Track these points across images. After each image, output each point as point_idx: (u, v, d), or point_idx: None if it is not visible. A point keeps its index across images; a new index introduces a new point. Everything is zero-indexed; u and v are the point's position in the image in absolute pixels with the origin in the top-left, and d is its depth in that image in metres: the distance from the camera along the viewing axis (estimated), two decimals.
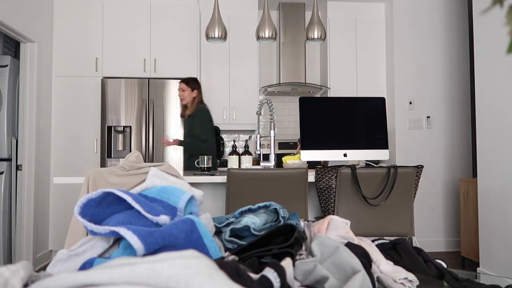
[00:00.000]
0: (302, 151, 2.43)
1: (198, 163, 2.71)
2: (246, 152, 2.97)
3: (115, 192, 0.61)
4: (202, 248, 0.54)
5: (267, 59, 5.07)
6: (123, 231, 0.52)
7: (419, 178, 2.21)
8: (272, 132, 2.80)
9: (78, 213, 0.58)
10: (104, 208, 0.61)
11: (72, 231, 2.10)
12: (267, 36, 3.90)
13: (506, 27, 0.39)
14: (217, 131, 4.12)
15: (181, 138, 3.80)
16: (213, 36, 3.32)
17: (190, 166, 3.34)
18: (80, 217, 0.57)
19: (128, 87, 4.02)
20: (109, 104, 4.00)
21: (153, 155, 4.00)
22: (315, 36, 3.91)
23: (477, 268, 3.30)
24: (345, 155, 2.46)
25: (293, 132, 5.04)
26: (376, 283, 0.64)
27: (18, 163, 3.63)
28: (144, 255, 0.50)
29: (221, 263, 0.46)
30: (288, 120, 5.07)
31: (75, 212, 0.57)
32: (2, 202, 3.54)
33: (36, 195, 3.68)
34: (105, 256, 0.59)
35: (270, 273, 0.51)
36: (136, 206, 0.60)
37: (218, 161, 4.13)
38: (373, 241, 0.85)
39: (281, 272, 0.52)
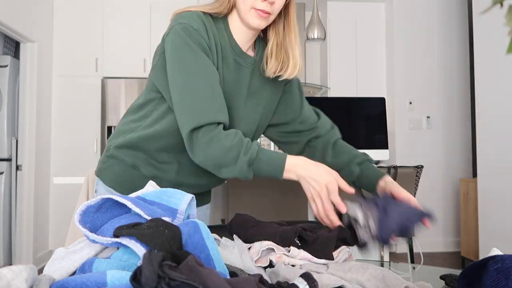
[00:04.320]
0: None
1: None
2: None
3: (114, 197, 0.61)
4: (203, 249, 0.54)
5: None
6: (126, 241, 0.53)
7: (419, 178, 2.21)
8: None
9: (78, 221, 0.58)
10: (103, 213, 0.61)
11: (72, 231, 2.10)
12: None
13: (506, 27, 0.40)
14: None
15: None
16: None
17: None
18: (81, 227, 0.57)
19: (128, 87, 4.02)
20: (109, 104, 4.00)
21: None
22: (315, 36, 3.91)
23: None
24: None
25: None
26: None
27: (18, 163, 3.63)
28: None
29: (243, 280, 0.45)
30: None
31: (75, 220, 0.57)
32: (2, 202, 3.54)
33: (36, 195, 3.68)
34: (104, 256, 0.59)
35: (302, 284, 0.49)
36: (137, 210, 0.60)
37: None
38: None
39: (314, 286, 0.50)
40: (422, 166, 2.22)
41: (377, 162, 3.01)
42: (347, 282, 0.64)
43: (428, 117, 4.39)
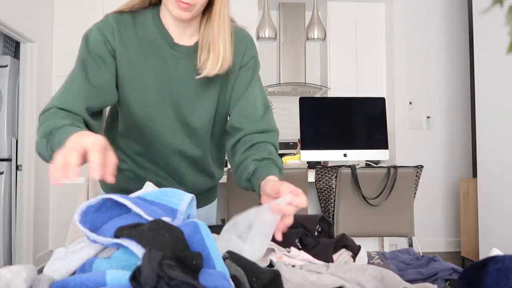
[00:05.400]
0: (302, 151, 2.43)
1: None
2: None
3: (114, 197, 0.61)
4: (204, 249, 0.54)
5: (267, 59, 5.07)
6: (126, 243, 0.53)
7: (419, 178, 2.22)
8: None
9: (78, 221, 0.58)
10: (103, 212, 0.61)
11: (72, 231, 2.10)
12: (267, 36, 3.90)
13: (506, 27, 0.40)
14: None
15: None
16: None
17: None
18: (81, 226, 0.57)
19: None
20: None
21: None
22: (315, 36, 3.91)
23: None
24: (345, 155, 2.46)
25: (293, 132, 5.04)
26: None
27: (18, 163, 3.62)
28: None
29: None
30: (288, 120, 5.07)
31: (75, 220, 0.57)
32: (2, 202, 3.54)
33: (36, 195, 3.68)
34: (104, 256, 0.59)
35: None
36: (137, 210, 0.60)
37: None
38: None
39: None
40: (422, 166, 2.22)
41: (377, 162, 3.01)
42: (347, 282, 0.64)
43: (428, 117, 4.39)
